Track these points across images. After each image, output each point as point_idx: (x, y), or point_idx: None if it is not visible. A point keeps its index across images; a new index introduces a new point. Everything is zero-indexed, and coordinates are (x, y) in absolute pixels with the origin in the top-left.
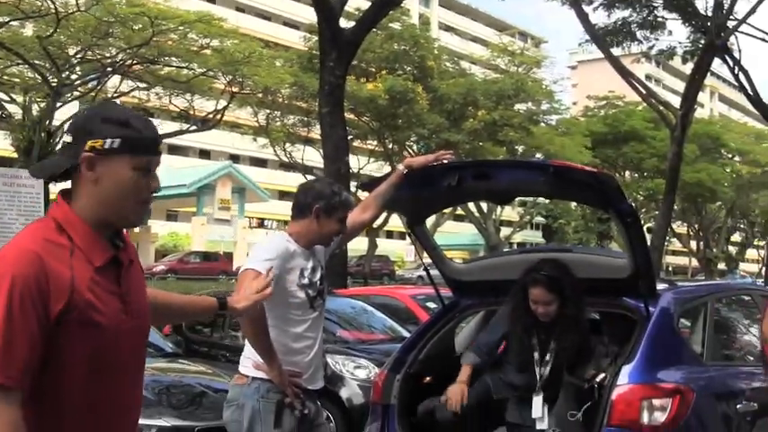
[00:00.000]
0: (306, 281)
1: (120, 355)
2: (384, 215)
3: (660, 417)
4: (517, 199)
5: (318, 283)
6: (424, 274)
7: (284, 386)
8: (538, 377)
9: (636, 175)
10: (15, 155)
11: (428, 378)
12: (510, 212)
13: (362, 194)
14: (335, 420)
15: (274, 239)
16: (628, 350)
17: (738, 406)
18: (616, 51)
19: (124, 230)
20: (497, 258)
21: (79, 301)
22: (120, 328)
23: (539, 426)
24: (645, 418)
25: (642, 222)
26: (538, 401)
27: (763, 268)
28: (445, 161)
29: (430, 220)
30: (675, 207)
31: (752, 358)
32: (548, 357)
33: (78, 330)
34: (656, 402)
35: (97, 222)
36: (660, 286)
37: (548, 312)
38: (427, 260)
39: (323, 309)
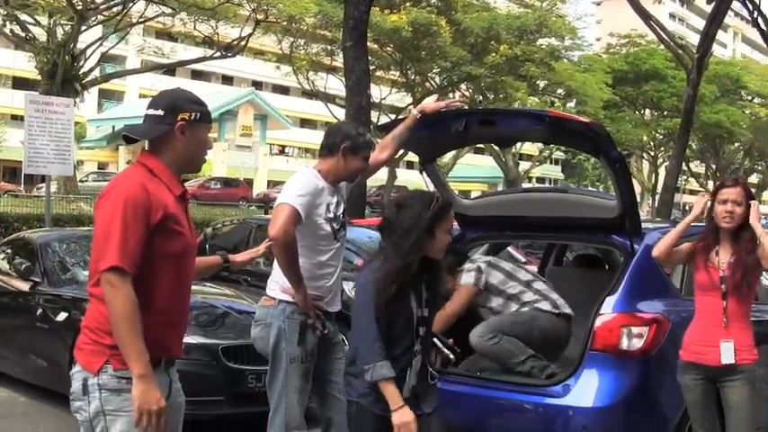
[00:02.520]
0: (331, 215)
1: (190, 262)
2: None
3: (638, 343)
4: None
5: (341, 216)
6: None
7: (308, 308)
8: None
9: (655, 113)
10: (39, 77)
11: None
12: (530, 147)
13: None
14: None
15: (306, 175)
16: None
17: None
18: None
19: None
20: (499, 196)
21: (170, 214)
22: (191, 240)
23: None
24: (624, 344)
25: (661, 161)
26: None
27: None
28: (454, 107)
29: (450, 153)
30: (693, 146)
31: None
32: None
33: (169, 234)
34: (635, 330)
35: (177, 169)
36: (647, 226)
37: None
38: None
39: (344, 239)
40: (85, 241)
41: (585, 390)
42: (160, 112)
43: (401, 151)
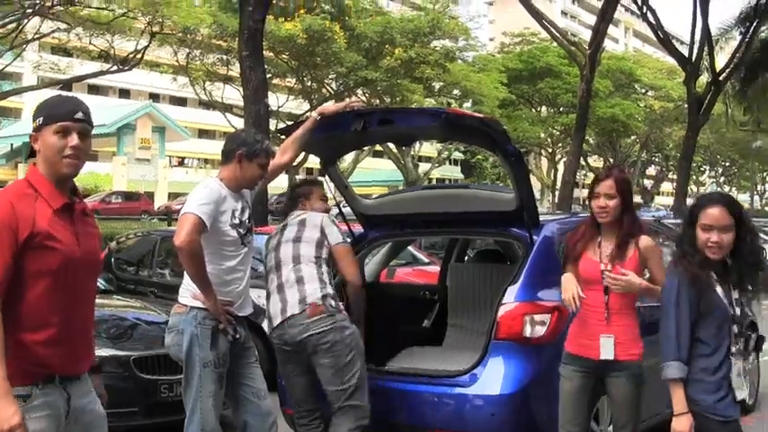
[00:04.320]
0: (237, 221)
1: (77, 274)
2: (302, 155)
3: (540, 330)
4: None
5: (247, 221)
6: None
7: (218, 314)
8: None
9: (552, 110)
10: None
11: (341, 303)
12: (429, 148)
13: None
14: (258, 349)
15: (209, 185)
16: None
17: None
18: None
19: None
20: (399, 195)
21: (40, 231)
22: (73, 255)
23: None
24: (527, 332)
25: (559, 157)
26: None
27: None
28: (353, 108)
29: (349, 157)
30: (591, 141)
31: None
32: None
33: (41, 251)
34: (537, 318)
35: (53, 179)
36: (546, 218)
37: None
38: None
39: (252, 245)
40: None
41: (492, 378)
42: (34, 125)
43: (300, 157)
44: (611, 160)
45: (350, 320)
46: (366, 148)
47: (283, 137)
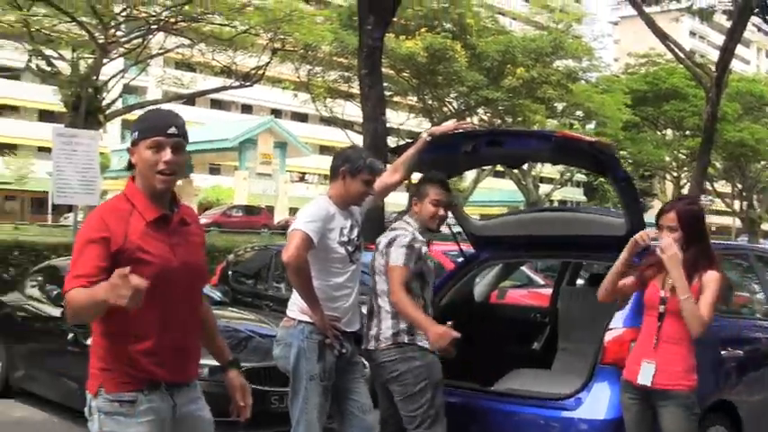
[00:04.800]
0: (345, 238)
1: (173, 284)
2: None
3: None
4: None
5: (356, 239)
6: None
7: (325, 329)
8: None
9: (677, 133)
10: (64, 110)
11: (449, 322)
12: (551, 169)
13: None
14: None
15: (318, 202)
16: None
17: (723, 352)
18: (656, 9)
19: (177, 198)
20: (512, 216)
21: (129, 245)
22: (167, 265)
23: None
24: None
25: (684, 181)
26: None
27: None
28: (463, 130)
29: (470, 176)
30: (718, 166)
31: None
32: None
33: (132, 262)
34: None
35: (148, 192)
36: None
37: None
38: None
39: (360, 262)
40: None
41: (596, 402)
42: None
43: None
44: (740, 186)
45: (424, 352)
46: (487, 168)
47: (395, 156)
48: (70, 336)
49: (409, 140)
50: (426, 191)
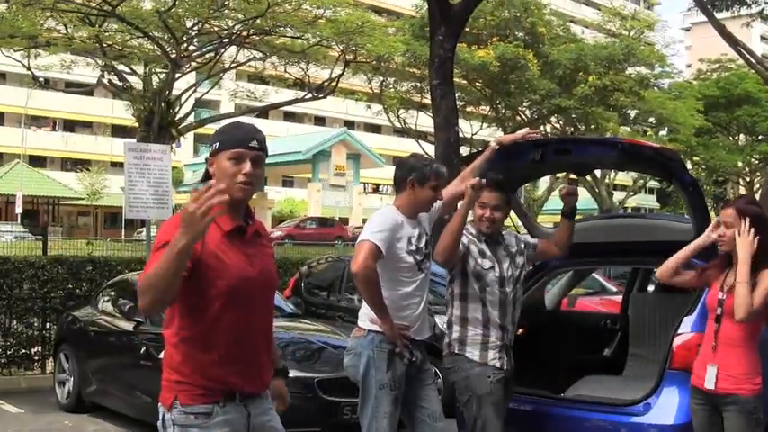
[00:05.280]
0: (413, 247)
1: (250, 293)
2: None
3: None
4: None
5: (424, 248)
6: None
7: (395, 338)
8: None
9: (750, 138)
10: (137, 125)
11: (520, 330)
12: (624, 177)
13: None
14: (442, 376)
15: (385, 212)
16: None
17: None
18: (726, 14)
19: (251, 211)
20: (582, 223)
21: (207, 255)
22: (244, 274)
23: None
24: None
25: (758, 186)
26: None
27: None
28: (531, 138)
29: (544, 184)
30: None
31: None
32: None
33: (209, 270)
34: None
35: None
36: None
37: None
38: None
39: (429, 270)
40: None
41: (666, 407)
42: (210, 149)
43: None
44: None
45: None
46: (560, 175)
47: (466, 165)
48: (143, 350)
49: (479, 150)
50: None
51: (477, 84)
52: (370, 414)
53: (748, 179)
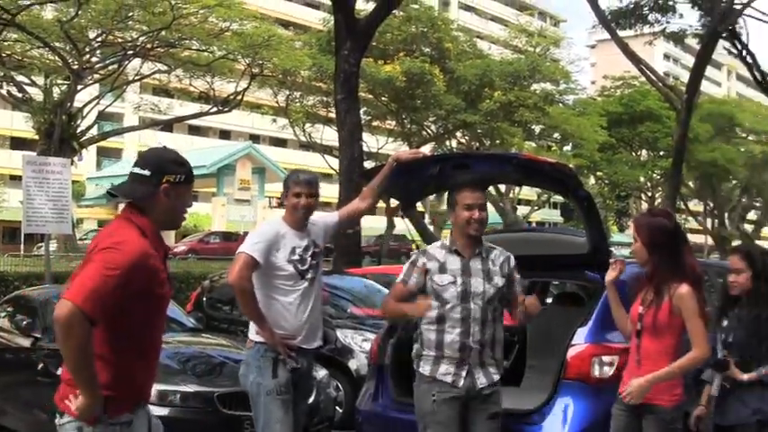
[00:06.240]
0: (296, 257)
1: (162, 312)
2: None
3: (608, 371)
4: None
5: (310, 258)
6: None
7: (275, 345)
8: None
9: (652, 154)
10: (37, 137)
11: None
12: (528, 192)
13: None
14: (345, 389)
15: (269, 223)
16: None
17: None
18: (629, 33)
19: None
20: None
21: (158, 281)
22: (166, 295)
23: None
24: (596, 372)
25: (659, 201)
26: None
27: None
28: (425, 155)
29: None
30: (690, 185)
31: None
32: None
33: (151, 295)
34: (606, 359)
35: (161, 227)
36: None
37: None
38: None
39: (316, 281)
40: None
41: (559, 417)
42: (147, 173)
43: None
44: (711, 204)
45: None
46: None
47: (365, 180)
48: (40, 366)
49: (381, 164)
50: (455, 198)
51: (383, 98)
52: (262, 422)
53: (650, 194)
